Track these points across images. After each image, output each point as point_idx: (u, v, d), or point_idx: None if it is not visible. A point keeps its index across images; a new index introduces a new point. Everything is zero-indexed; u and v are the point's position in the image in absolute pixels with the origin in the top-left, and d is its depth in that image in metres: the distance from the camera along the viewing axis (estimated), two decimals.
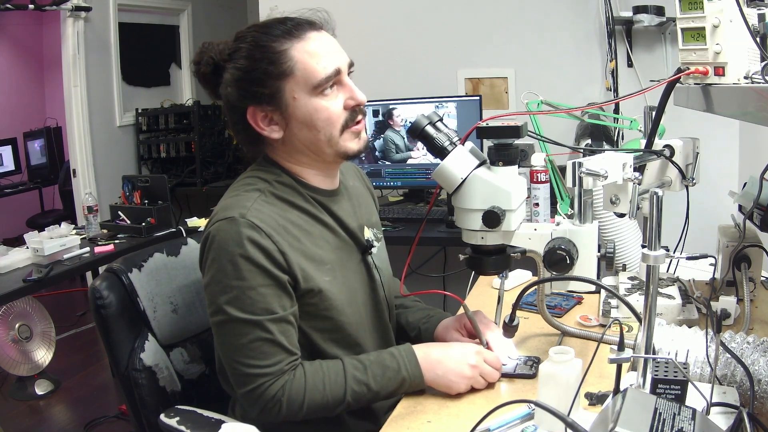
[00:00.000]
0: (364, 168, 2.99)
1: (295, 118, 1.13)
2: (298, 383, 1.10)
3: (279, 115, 1.13)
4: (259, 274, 1.08)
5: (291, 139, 1.16)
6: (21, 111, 5.88)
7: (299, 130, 1.14)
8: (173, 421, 1.19)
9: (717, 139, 2.55)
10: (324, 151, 1.16)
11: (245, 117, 1.14)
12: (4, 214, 5.42)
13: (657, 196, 0.88)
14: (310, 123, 1.13)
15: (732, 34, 0.95)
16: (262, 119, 1.14)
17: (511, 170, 1.11)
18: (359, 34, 3.22)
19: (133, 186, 3.01)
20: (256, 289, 1.08)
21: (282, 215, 1.14)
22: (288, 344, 1.11)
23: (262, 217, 1.10)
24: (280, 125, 1.14)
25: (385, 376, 1.11)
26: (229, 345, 1.10)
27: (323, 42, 1.15)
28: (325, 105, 1.13)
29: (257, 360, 1.08)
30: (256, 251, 1.07)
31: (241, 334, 1.08)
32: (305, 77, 1.11)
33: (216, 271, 1.09)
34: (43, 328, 3.12)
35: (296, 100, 1.12)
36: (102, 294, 1.28)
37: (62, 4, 3.98)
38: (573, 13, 2.93)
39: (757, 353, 0.99)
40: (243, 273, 1.07)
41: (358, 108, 1.17)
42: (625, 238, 1.78)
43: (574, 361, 0.98)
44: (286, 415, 1.10)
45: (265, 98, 1.11)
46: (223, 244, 1.08)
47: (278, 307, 1.10)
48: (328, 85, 1.13)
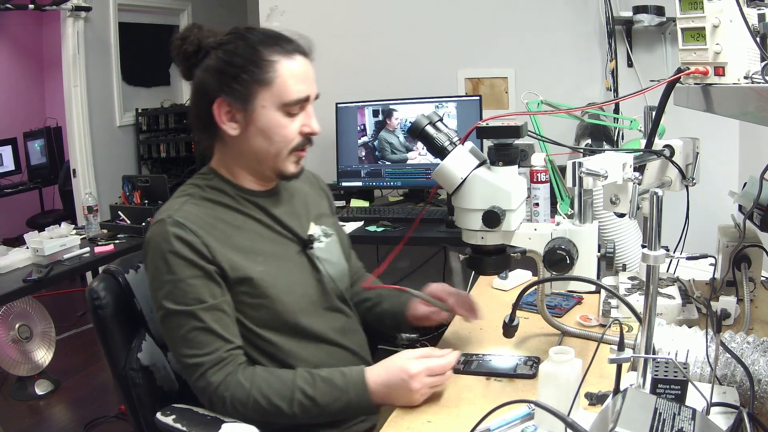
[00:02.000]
0: (364, 168, 2.99)
1: (256, 125, 1.19)
2: (244, 381, 1.14)
3: (242, 116, 1.19)
4: (186, 266, 1.15)
5: (242, 142, 1.21)
6: (21, 111, 5.88)
7: (254, 136, 1.20)
8: (169, 419, 1.20)
9: (717, 139, 2.55)
10: (267, 163, 1.23)
11: (211, 105, 1.18)
12: (4, 214, 5.42)
13: (657, 196, 0.88)
14: (267, 134, 1.20)
15: (732, 34, 0.95)
16: (225, 113, 1.19)
17: (511, 170, 1.11)
18: (359, 34, 3.23)
19: (133, 186, 3.01)
20: (185, 281, 1.15)
21: (210, 214, 1.21)
22: (223, 332, 1.16)
23: (187, 216, 1.18)
24: (240, 125, 1.20)
25: (331, 394, 1.14)
26: (171, 339, 1.18)
27: (305, 68, 1.22)
28: (286, 123, 1.20)
29: (195, 349, 1.14)
30: (182, 246, 1.15)
31: (178, 325, 1.15)
32: (280, 93, 1.18)
33: (152, 270, 1.18)
34: (43, 328, 3.12)
35: (264, 109, 1.18)
36: (99, 295, 1.30)
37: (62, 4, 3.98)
38: (573, 13, 2.93)
39: (757, 353, 0.99)
40: (173, 267, 1.15)
41: (310, 136, 1.24)
42: (625, 238, 1.78)
43: (574, 361, 0.98)
44: (231, 411, 1.14)
45: (237, 95, 1.17)
46: (154, 244, 1.17)
47: (208, 296, 1.16)
48: (296, 107, 1.20)
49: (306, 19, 3.29)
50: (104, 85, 4.50)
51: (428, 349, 1.19)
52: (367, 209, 2.82)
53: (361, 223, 2.67)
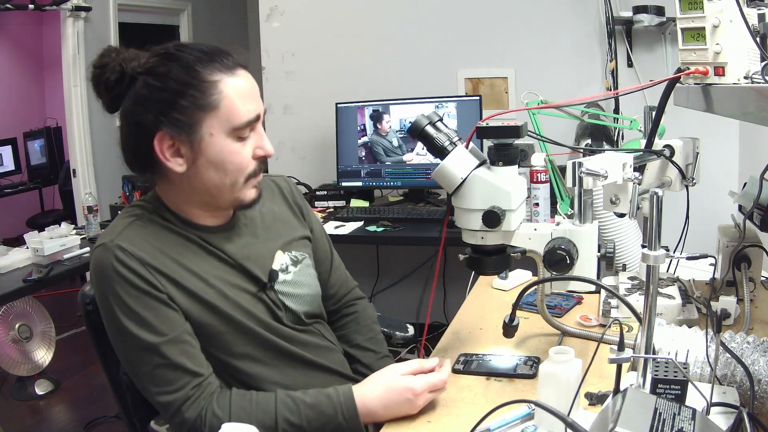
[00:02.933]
0: (364, 168, 2.99)
1: (205, 156, 1.05)
2: (220, 413, 1.04)
3: (188, 148, 1.05)
4: (139, 296, 1.03)
5: (191, 177, 1.07)
6: (21, 111, 5.87)
7: (206, 170, 1.06)
8: (163, 428, 1.19)
9: (717, 139, 2.55)
10: (224, 196, 1.11)
11: (149, 141, 1.04)
12: (4, 214, 5.41)
13: (657, 196, 0.88)
14: (220, 164, 1.06)
15: (732, 34, 0.95)
16: (168, 148, 1.05)
17: (511, 170, 1.11)
18: (360, 33, 3.23)
19: (133, 186, 3.01)
20: (139, 313, 1.03)
21: (157, 237, 1.09)
22: (190, 365, 1.05)
23: (131, 239, 1.06)
24: (186, 159, 1.06)
25: (319, 421, 1.05)
26: (135, 375, 1.07)
27: (250, 83, 1.09)
28: (238, 149, 1.07)
29: (164, 386, 1.04)
30: (130, 274, 1.03)
31: (141, 362, 1.04)
32: (228, 116, 1.04)
33: (103, 303, 1.06)
34: (43, 328, 3.12)
35: (212, 137, 1.04)
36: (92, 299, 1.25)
37: (62, 4, 3.98)
38: (573, 13, 2.93)
39: (757, 353, 0.99)
40: (123, 299, 1.03)
41: (264, 159, 1.12)
42: (625, 238, 1.78)
43: (574, 361, 0.98)
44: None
45: (180, 126, 1.03)
46: (99, 273, 1.05)
47: (167, 327, 1.04)
48: (247, 129, 1.07)
49: (306, 19, 3.29)
50: None
51: (418, 362, 1.13)
52: (367, 209, 2.82)
53: (361, 223, 2.67)
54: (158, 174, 1.11)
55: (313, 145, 3.31)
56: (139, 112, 1.04)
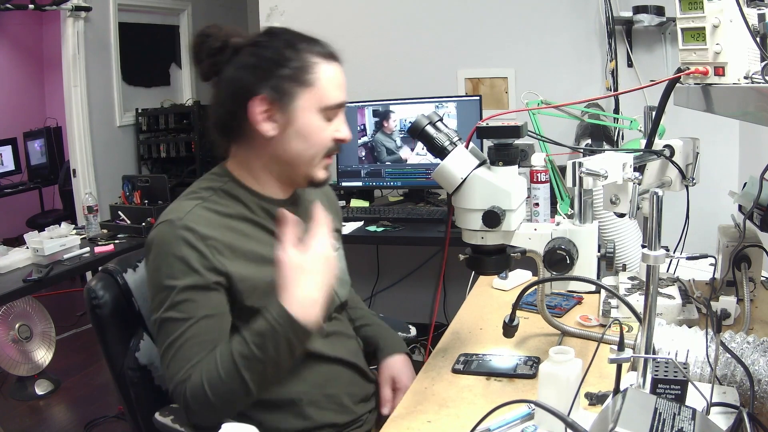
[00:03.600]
0: (364, 168, 2.99)
1: (295, 126, 1.15)
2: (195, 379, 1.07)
3: (281, 116, 1.14)
4: (191, 274, 1.09)
5: (278, 144, 1.16)
6: (21, 111, 5.87)
7: (292, 139, 1.16)
8: (168, 419, 1.19)
9: (717, 139, 2.55)
10: (300, 169, 1.19)
11: (245, 104, 1.12)
12: (4, 214, 5.41)
13: (657, 196, 0.88)
14: (306, 136, 1.16)
15: (732, 34, 0.95)
16: (262, 113, 1.13)
17: (511, 170, 1.11)
18: (360, 33, 3.23)
19: (133, 186, 3.01)
20: (187, 289, 1.09)
21: (220, 221, 1.15)
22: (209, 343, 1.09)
23: (197, 220, 1.12)
24: (278, 125, 1.15)
25: (265, 344, 1.04)
26: (162, 345, 1.12)
27: (341, 75, 1.22)
28: (323, 127, 1.18)
29: (186, 361, 1.08)
30: (190, 251, 1.09)
31: (171, 334, 1.09)
32: (320, 96, 1.16)
33: (153, 272, 1.12)
34: (43, 328, 3.12)
35: (304, 111, 1.15)
36: (97, 294, 1.29)
37: (62, 4, 3.99)
38: (573, 13, 2.93)
39: (757, 353, 0.99)
40: (176, 273, 1.09)
41: (340, 143, 1.22)
42: (625, 238, 1.78)
43: (574, 361, 0.98)
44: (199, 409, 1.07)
45: (279, 94, 1.13)
46: (159, 245, 1.11)
47: (209, 307, 1.10)
48: (333, 112, 1.19)
49: (306, 19, 3.29)
50: (104, 85, 4.50)
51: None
52: (367, 209, 2.82)
53: (361, 223, 2.67)
54: (243, 140, 1.19)
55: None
56: (242, 76, 1.13)
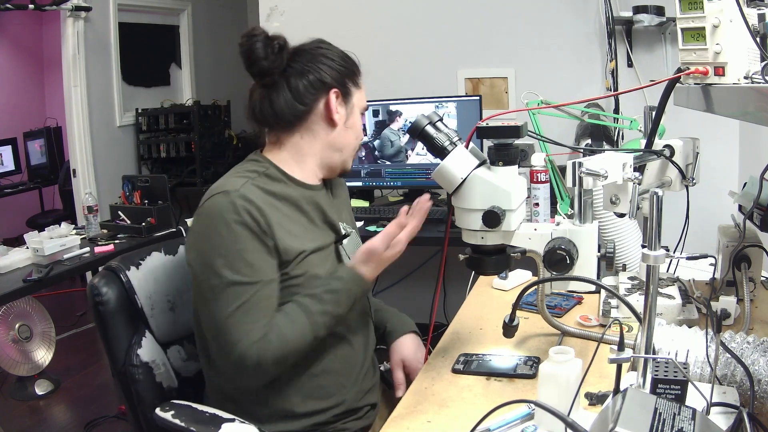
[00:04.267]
0: (364, 168, 2.99)
1: (351, 120, 1.36)
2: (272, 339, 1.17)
3: (344, 110, 1.34)
4: (254, 239, 1.19)
5: (337, 133, 1.34)
6: (21, 111, 5.87)
7: (347, 130, 1.35)
8: (168, 414, 1.20)
9: (717, 139, 2.55)
10: (344, 158, 1.37)
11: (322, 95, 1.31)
12: (4, 214, 5.41)
13: (657, 196, 0.88)
14: (356, 130, 1.38)
15: (732, 34, 0.95)
16: (339, 104, 1.33)
17: (511, 170, 1.11)
18: (360, 33, 3.23)
19: (133, 186, 3.01)
20: (252, 253, 1.18)
21: (267, 199, 1.25)
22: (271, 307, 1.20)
23: (252, 194, 1.22)
24: (341, 117, 1.34)
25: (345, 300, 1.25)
26: (222, 310, 1.17)
27: None
28: (361, 125, 1.41)
29: (246, 324, 1.16)
30: (250, 218, 1.19)
31: (236, 297, 1.16)
32: (361, 99, 1.39)
33: (214, 238, 1.19)
34: (43, 328, 3.12)
35: (355, 108, 1.37)
36: (100, 291, 1.30)
37: (62, 4, 3.98)
38: (573, 13, 2.93)
39: (757, 353, 0.99)
40: (240, 238, 1.18)
41: None
42: (625, 238, 1.78)
43: (574, 361, 0.98)
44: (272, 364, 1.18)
45: (346, 91, 1.34)
46: (219, 213, 1.19)
47: (270, 271, 1.20)
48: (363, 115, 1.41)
49: (306, 19, 3.29)
50: (104, 85, 4.50)
51: None
52: (367, 209, 2.82)
53: (361, 223, 2.67)
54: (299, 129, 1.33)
55: None
56: (321, 74, 1.31)
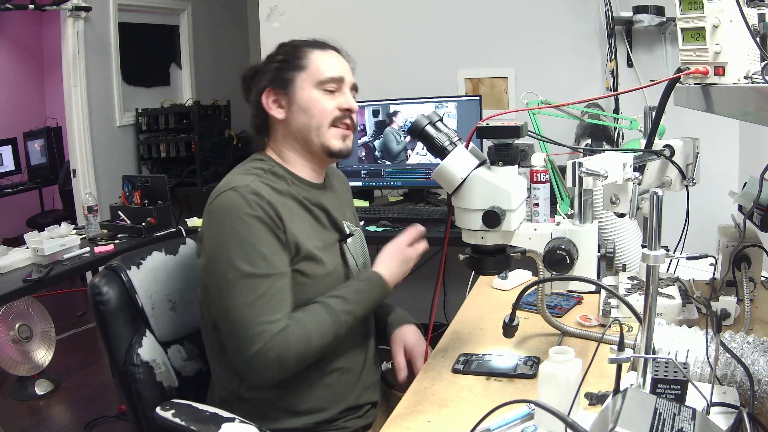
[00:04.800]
0: (364, 168, 2.99)
1: (297, 103, 1.33)
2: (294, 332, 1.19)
3: (286, 100, 1.34)
4: (268, 232, 1.21)
5: (289, 122, 1.34)
6: (21, 111, 5.87)
7: (297, 114, 1.33)
8: (168, 413, 1.20)
9: (717, 139, 2.55)
10: (312, 139, 1.33)
11: (260, 101, 1.34)
12: (4, 214, 5.41)
13: (657, 196, 0.88)
14: (307, 109, 1.32)
15: (732, 34, 0.95)
16: (272, 101, 1.34)
17: (511, 170, 1.11)
18: (360, 33, 3.23)
19: (133, 186, 3.01)
20: (267, 245, 1.20)
21: (274, 196, 1.27)
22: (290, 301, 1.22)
23: (261, 189, 1.24)
24: (284, 108, 1.34)
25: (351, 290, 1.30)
26: (233, 305, 1.18)
27: (338, 58, 1.39)
28: (323, 98, 1.33)
29: (264, 316, 1.17)
30: (262, 212, 1.21)
31: (252, 289, 1.18)
32: (315, 73, 1.33)
33: (229, 231, 1.20)
34: (43, 328, 3.12)
35: (303, 90, 1.33)
36: (101, 290, 1.31)
37: (62, 4, 3.98)
38: (573, 13, 2.93)
39: (757, 353, 0.99)
40: (255, 231, 1.20)
41: (348, 112, 1.36)
42: (625, 238, 1.78)
43: (574, 361, 0.98)
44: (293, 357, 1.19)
45: (281, 83, 1.33)
46: (232, 207, 1.21)
47: (284, 264, 1.23)
48: (331, 84, 1.34)
49: (306, 19, 3.29)
50: (104, 85, 4.50)
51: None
52: (367, 209, 2.82)
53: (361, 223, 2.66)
54: (270, 130, 1.38)
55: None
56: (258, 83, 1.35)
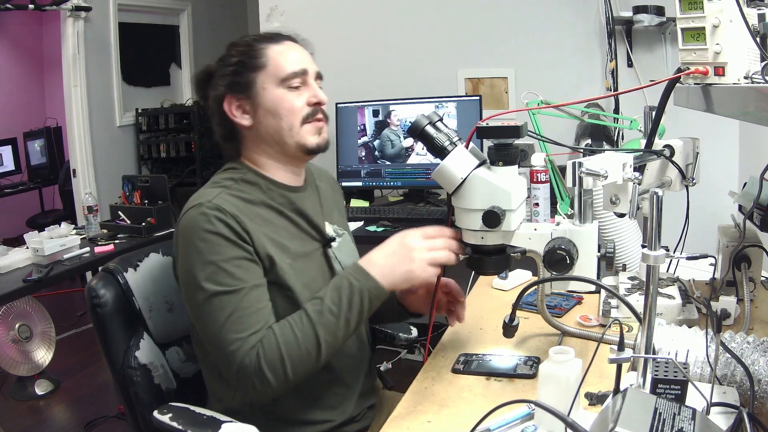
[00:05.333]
0: (364, 168, 2.99)
1: (263, 106, 1.25)
2: (269, 343, 1.11)
3: (250, 104, 1.26)
4: (230, 247, 1.15)
5: (258, 128, 1.27)
6: (21, 111, 5.87)
7: (265, 118, 1.25)
8: (166, 417, 1.20)
9: (717, 139, 2.55)
10: (286, 141, 1.26)
11: (222, 111, 1.26)
12: (4, 214, 5.41)
13: (657, 196, 0.88)
14: (274, 111, 1.25)
15: (732, 34, 0.95)
16: (235, 108, 1.26)
17: (511, 170, 1.10)
18: (360, 34, 3.23)
19: (133, 186, 3.01)
20: (230, 261, 1.14)
21: (244, 207, 1.21)
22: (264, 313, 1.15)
23: (225, 204, 1.18)
24: (250, 113, 1.26)
25: (341, 297, 1.13)
26: (212, 322, 1.13)
27: (296, 49, 1.29)
28: (289, 96, 1.25)
29: (236, 333, 1.11)
30: (224, 227, 1.15)
31: (221, 307, 1.12)
32: (275, 71, 1.25)
33: (192, 252, 1.16)
34: (43, 328, 3.12)
35: (265, 90, 1.24)
36: (98, 293, 1.30)
37: (62, 4, 3.98)
38: (573, 13, 2.93)
39: (757, 353, 0.99)
40: (216, 248, 1.14)
41: (318, 105, 1.28)
42: (625, 238, 1.78)
43: (574, 361, 0.98)
44: (275, 381, 1.10)
45: (240, 87, 1.25)
46: (193, 226, 1.16)
47: (253, 277, 1.16)
48: (295, 80, 1.25)
49: (306, 19, 3.29)
50: (104, 85, 4.50)
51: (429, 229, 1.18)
52: (367, 209, 2.83)
53: (361, 223, 2.67)
54: (238, 139, 1.30)
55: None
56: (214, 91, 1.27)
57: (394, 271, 1.14)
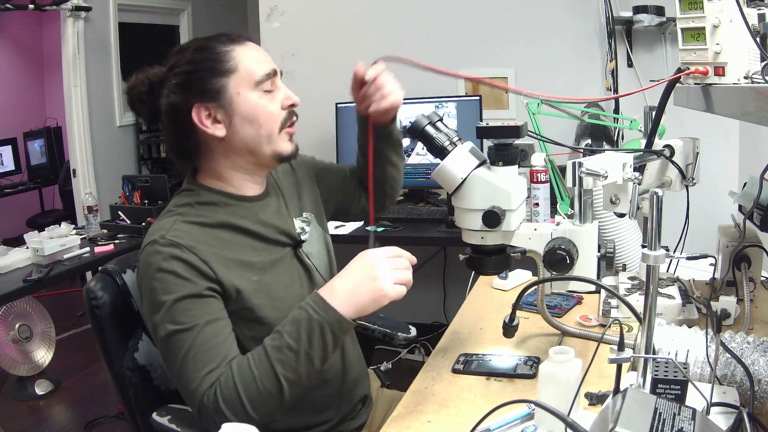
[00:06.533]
0: None
1: (239, 114, 1.16)
2: (226, 381, 1.05)
3: (223, 113, 1.15)
4: (184, 285, 1.09)
5: (232, 139, 1.17)
6: (21, 111, 5.87)
7: (242, 127, 1.16)
8: (165, 419, 1.20)
9: (717, 139, 2.55)
10: (263, 150, 1.19)
11: (189, 119, 1.15)
12: (4, 214, 5.41)
13: (657, 196, 0.88)
14: (253, 118, 1.16)
15: (732, 34, 0.95)
16: (206, 117, 1.15)
17: (511, 170, 1.11)
18: (360, 34, 3.23)
19: (133, 186, 3.01)
20: (184, 299, 1.08)
21: (201, 232, 1.15)
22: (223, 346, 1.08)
23: (180, 235, 1.12)
24: (224, 122, 1.16)
25: (299, 331, 1.04)
26: (173, 359, 1.08)
27: (258, 49, 1.21)
28: (267, 102, 1.17)
29: (197, 371, 1.06)
30: (178, 264, 1.09)
31: (179, 346, 1.07)
32: (248, 74, 1.16)
33: (148, 292, 1.11)
34: (43, 328, 3.12)
35: (240, 95, 1.15)
36: (96, 294, 1.29)
37: (62, 4, 3.98)
38: (573, 13, 2.93)
39: (757, 353, 0.99)
40: (169, 287, 1.08)
41: (293, 108, 1.22)
42: (625, 238, 1.78)
43: (574, 361, 0.98)
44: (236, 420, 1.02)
45: (210, 95, 1.14)
46: (148, 265, 1.11)
47: (208, 313, 1.09)
48: (267, 82, 1.17)
49: (306, 19, 3.29)
50: (104, 85, 4.50)
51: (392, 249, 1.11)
52: None
53: (361, 223, 2.67)
54: (203, 152, 1.20)
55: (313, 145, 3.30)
56: (171, 101, 1.15)
57: (360, 294, 1.05)
